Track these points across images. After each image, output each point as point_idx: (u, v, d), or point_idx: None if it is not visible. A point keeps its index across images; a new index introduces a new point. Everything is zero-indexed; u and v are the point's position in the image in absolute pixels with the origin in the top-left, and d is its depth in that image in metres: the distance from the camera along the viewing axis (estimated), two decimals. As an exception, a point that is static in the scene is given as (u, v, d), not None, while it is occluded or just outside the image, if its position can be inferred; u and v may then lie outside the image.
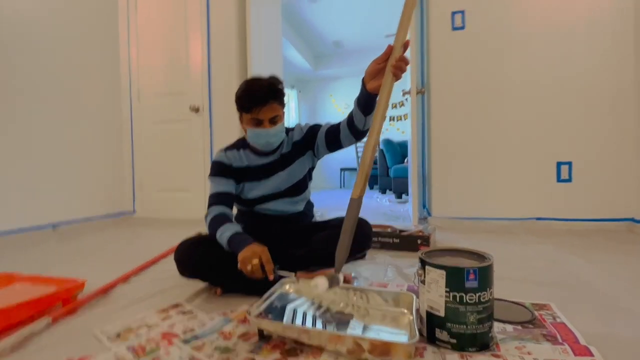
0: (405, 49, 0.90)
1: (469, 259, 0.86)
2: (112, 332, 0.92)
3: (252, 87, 1.16)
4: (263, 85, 1.15)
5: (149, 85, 2.96)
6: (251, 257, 0.97)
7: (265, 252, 0.99)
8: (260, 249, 1.00)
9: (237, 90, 1.19)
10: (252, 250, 0.99)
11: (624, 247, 1.73)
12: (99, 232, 2.47)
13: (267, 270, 0.98)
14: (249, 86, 1.17)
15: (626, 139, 2.11)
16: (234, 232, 1.09)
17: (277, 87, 1.17)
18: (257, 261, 0.97)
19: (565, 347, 0.77)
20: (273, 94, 1.15)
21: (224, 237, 1.09)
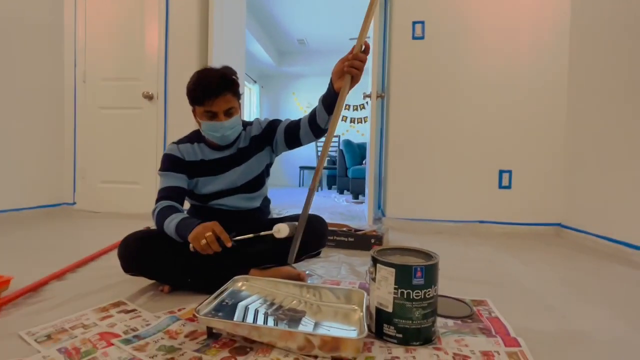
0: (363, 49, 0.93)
1: (417, 257, 0.91)
2: (41, 333, 0.84)
3: (204, 79, 1.11)
4: (215, 76, 1.10)
5: (96, 68, 2.74)
6: (203, 231, 0.94)
7: (216, 225, 0.96)
8: (210, 223, 0.97)
9: (188, 82, 1.14)
10: (202, 226, 0.96)
11: (551, 250, 1.93)
12: (31, 225, 2.24)
13: (223, 239, 0.94)
14: (200, 77, 1.12)
15: (558, 152, 2.35)
16: (182, 218, 1.04)
17: (230, 78, 1.13)
18: (210, 234, 0.93)
19: (497, 339, 0.84)
20: (226, 85, 1.11)
21: (171, 225, 1.04)
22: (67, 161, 2.79)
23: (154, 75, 2.67)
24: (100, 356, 0.73)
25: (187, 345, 0.79)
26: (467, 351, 0.79)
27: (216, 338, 0.83)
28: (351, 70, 0.93)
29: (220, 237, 0.94)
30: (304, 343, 0.76)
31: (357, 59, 0.92)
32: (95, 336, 0.81)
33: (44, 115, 2.62)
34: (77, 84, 2.77)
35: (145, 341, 0.80)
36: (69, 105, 2.78)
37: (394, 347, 0.81)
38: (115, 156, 2.74)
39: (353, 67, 0.92)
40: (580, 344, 0.87)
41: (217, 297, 0.95)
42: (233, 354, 0.76)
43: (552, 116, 2.35)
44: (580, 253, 1.85)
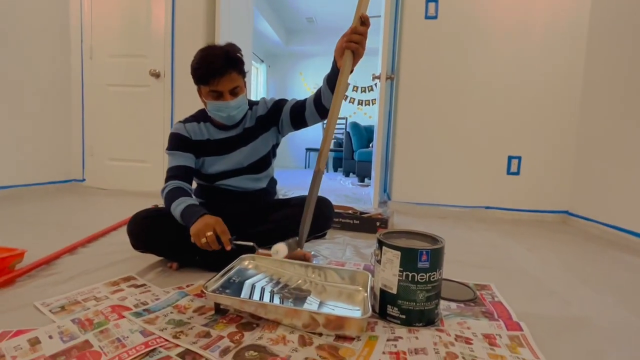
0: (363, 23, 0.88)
1: (423, 241, 0.91)
2: (55, 304, 0.87)
3: (208, 57, 1.07)
4: (219, 55, 1.07)
5: (103, 44, 2.71)
6: (204, 229, 0.92)
7: (219, 223, 0.94)
8: (213, 220, 0.95)
9: (192, 61, 1.10)
10: (204, 222, 0.94)
11: (557, 237, 1.92)
12: (42, 200, 2.28)
13: (223, 242, 0.93)
14: (204, 56, 1.08)
15: (568, 140, 2.30)
16: (188, 204, 1.04)
17: (235, 56, 1.09)
18: (211, 233, 0.92)
19: (500, 322, 0.85)
20: (231, 63, 1.08)
21: (177, 210, 1.04)
22: (75, 138, 2.81)
23: (160, 52, 2.64)
24: (112, 328, 0.76)
25: (196, 320, 0.81)
26: (469, 333, 0.80)
27: (223, 314, 0.85)
28: (350, 45, 0.88)
29: (220, 237, 0.93)
30: (309, 321, 0.78)
31: (355, 32, 0.87)
32: (107, 308, 0.84)
33: (52, 92, 2.62)
34: (84, 61, 2.75)
35: (155, 315, 0.82)
36: (77, 82, 2.77)
37: (397, 327, 0.82)
38: (122, 134, 2.75)
39: (352, 41, 0.88)
40: (581, 329, 0.88)
41: (224, 274, 0.97)
42: (240, 329, 0.78)
43: (565, 103, 2.29)
44: (586, 241, 1.85)
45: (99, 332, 0.74)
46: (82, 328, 0.75)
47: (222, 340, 0.73)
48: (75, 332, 0.73)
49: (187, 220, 1.00)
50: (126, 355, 0.66)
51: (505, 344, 0.77)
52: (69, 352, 0.67)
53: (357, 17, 0.88)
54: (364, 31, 0.88)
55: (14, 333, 0.73)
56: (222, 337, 0.74)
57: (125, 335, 0.73)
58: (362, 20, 0.88)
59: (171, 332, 0.75)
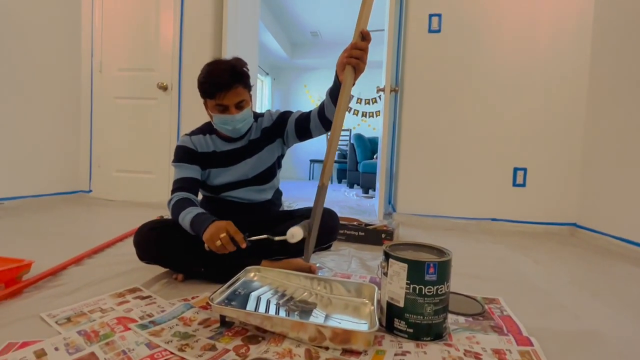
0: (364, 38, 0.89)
1: (430, 253, 0.90)
2: (61, 315, 0.87)
3: (214, 72, 1.10)
4: (225, 69, 1.09)
5: (112, 58, 2.78)
6: (217, 232, 0.93)
7: (230, 225, 0.95)
8: (224, 223, 0.96)
9: (199, 75, 1.13)
10: (216, 226, 0.95)
11: (565, 249, 1.89)
12: (49, 210, 2.30)
13: (237, 241, 0.94)
14: (210, 70, 1.11)
15: (575, 151, 2.29)
16: (197, 213, 1.05)
17: (241, 70, 1.12)
18: (224, 235, 0.93)
19: (509, 337, 0.84)
20: (237, 78, 1.10)
21: (186, 219, 1.05)
22: (83, 150, 2.85)
23: (168, 66, 2.69)
24: (118, 340, 0.75)
25: (201, 332, 0.81)
26: (479, 348, 0.78)
27: (229, 326, 0.84)
28: (351, 61, 0.89)
29: (234, 237, 0.94)
30: (315, 334, 0.77)
31: (356, 47, 0.88)
32: (112, 320, 0.84)
33: (62, 104, 2.67)
34: (93, 74, 2.81)
35: (160, 327, 0.82)
36: (86, 94, 2.83)
37: (404, 341, 0.81)
38: (129, 146, 2.79)
39: (353, 56, 0.89)
40: (593, 343, 0.86)
41: (230, 286, 0.97)
42: (245, 342, 0.78)
43: (571, 114, 2.29)
44: (594, 253, 1.82)
45: (104, 344, 0.74)
46: (88, 340, 0.75)
47: (228, 353, 0.72)
48: (81, 344, 0.73)
49: (197, 229, 1.01)
50: (132, 368, 0.66)
51: (516, 359, 0.75)
52: (75, 364, 0.67)
53: (357, 32, 0.89)
54: (365, 46, 0.89)
55: (20, 345, 0.73)
56: (228, 350, 0.74)
57: (131, 348, 0.72)
58: (363, 36, 0.90)
59: (177, 345, 0.74)
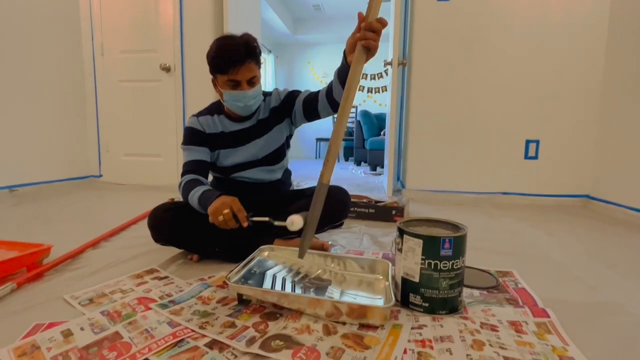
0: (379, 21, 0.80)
1: (444, 229, 0.90)
2: (83, 297, 0.89)
3: (227, 46, 1.07)
4: (238, 44, 1.07)
5: (113, 40, 2.72)
6: (221, 207, 0.94)
7: (235, 202, 0.96)
8: (229, 199, 0.97)
9: (209, 50, 1.10)
10: (221, 201, 0.96)
11: (578, 221, 1.87)
12: (62, 196, 2.34)
13: (240, 219, 0.94)
14: (222, 45, 1.08)
15: (590, 121, 2.22)
16: (204, 190, 1.06)
17: (253, 45, 1.09)
18: (228, 211, 0.93)
19: (525, 309, 0.84)
20: (250, 53, 1.08)
21: (194, 197, 1.05)
22: (91, 135, 2.85)
23: (170, 46, 2.63)
24: (139, 319, 0.77)
25: (220, 311, 0.82)
26: (495, 321, 0.79)
27: (246, 304, 0.86)
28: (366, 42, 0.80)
29: (237, 214, 0.94)
30: (332, 310, 0.78)
31: (370, 29, 0.79)
32: (133, 301, 0.86)
33: (66, 90, 2.66)
34: (95, 58, 2.77)
35: (180, 306, 0.84)
36: (89, 79, 2.80)
37: (420, 315, 0.82)
38: (136, 129, 2.78)
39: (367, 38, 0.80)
40: (611, 315, 0.86)
41: (245, 265, 0.98)
42: (264, 319, 0.79)
43: (586, 84, 2.20)
44: (609, 225, 1.80)
45: (127, 323, 0.76)
46: (112, 320, 0.77)
47: (248, 330, 0.74)
48: (105, 324, 0.75)
49: (204, 204, 1.01)
50: (156, 346, 0.68)
51: (533, 330, 0.75)
52: (101, 343, 0.69)
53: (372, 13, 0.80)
54: (380, 29, 0.81)
55: (46, 325, 0.75)
56: (247, 327, 0.75)
57: (153, 327, 0.74)
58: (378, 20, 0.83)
59: (197, 323, 0.76)
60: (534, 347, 0.69)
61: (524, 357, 0.66)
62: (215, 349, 0.68)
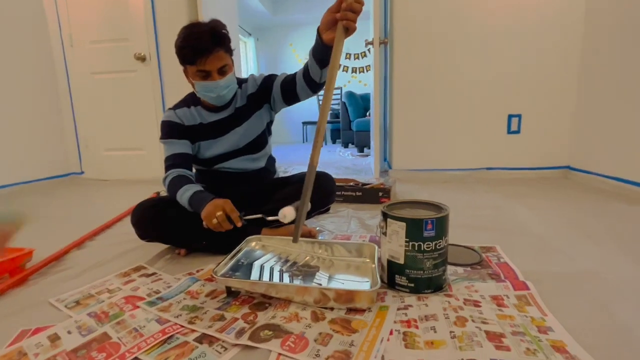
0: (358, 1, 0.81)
1: (427, 210, 0.91)
2: (70, 299, 0.88)
3: (193, 35, 1.03)
4: (205, 32, 1.02)
5: (82, 30, 2.60)
6: (214, 210, 0.94)
7: (227, 203, 0.96)
8: (222, 201, 0.97)
9: (176, 40, 1.06)
10: (214, 205, 0.96)
11: (560, 192, 1.92)
12: (43, 196, 2.28)
13: (233, 219, 0.95)
14: (188, 34, 1.03)
15: (569, 93, 2.25)
16: (194, 191, 1.04)
17: (221, 32, 1.05)
18: (221, 213, 0.94)
19: (507, 283, 0.87)
20: (218, 41, 1.04)
21: (184, 197, 1.04)
22: (68, 131, 2.76)
23: (143, 34, 2.53)
24: (128, 318, 0.77)
25: (209, 304, 0.83)
26: (478, 296, 0.81)
27: (235, 296, 0.86)
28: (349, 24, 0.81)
29: (230, 216, 0.95)
30: (320, 296, 0.79)
31: (350, 9, 0.80)
32: (120, 300, 0.86)
33: (37, 86, 2.55)
34: (65, 50, 2.65)
35: (168, 302, 0.84)
36: (61, 73, 2.68)
37: (406, 295, 0.84)
38: (115, 123, 2.70)
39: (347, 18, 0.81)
40: (587, 283, 0.89)
41: (232, 257, 0.99)
42: (253, 309, 0.80)
43: (566, 57, 2.21)
44: (588, 194, 1.85)
45: (115, 323, 0.76)
46: (99, 321, 0.77)
47: (237, 322, 0.75)
48: (93, 326, 0.75)
49: (196, 207, 1.01)
50: (145, 344, 0.68)
51: (513, 303, 0.78)
52: (89, 345, 0.69)
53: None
54: (359, 9, 0.81)
55: (33, 331, 0.74)
56: (237, 319, 0.76)
57: (141, 325, 0.74)
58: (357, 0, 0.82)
59: (186, 318, 0.76)
60: (514, 320, 0.72)
61: (505, 330, 0.68)
62: (205, 343, 0.68)
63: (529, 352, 0.62)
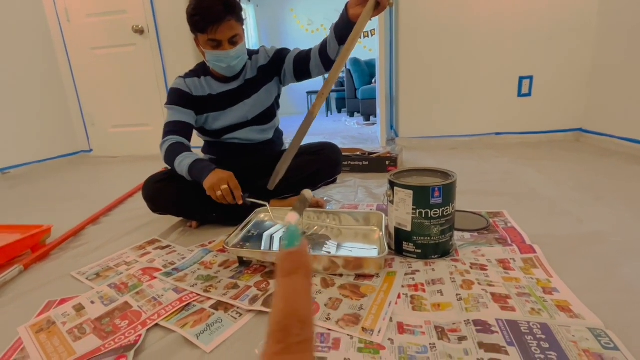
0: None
1: (434, 177, 0.91)
2: (90, 272, 0.92)
3: (204, 3, 1.01)
4: (217, 0, 1.01)
5: (78, 3, 2.52)
6: (219, 183, 0.96)
7: (232, 178, 0.98)
8: (226, 174, 0.98)
9: (187, 7, 1.04)
10: (218, 176, 0.97)
11: (570, 155, 1.89)
12: (55, 174, 2.33)
13: (236, 196, 0.97)
14: (200, 1, 1.02)
15: (583, 53, 2.14)
16: (194, 159, 1.05)
17: (233, 1, 1.03)
18: (226, 187, 0.96)
19: (513, 247, 0.88)
20: (229, 9, 1.02)
21: (183, 164, 1.05)
22: (73, 109, 2.76)
23: (139, 4, 2.45)
24: (146, 288, 0.81)
25: (222, 274, 0.86)
26: (484, 260, 0.83)
27: (247, 265, 0.89)
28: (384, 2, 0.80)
29: (233, 192, 0.96)
30: (329, 264, 0.82)
31: None
32: (138, 272, 0.89)
33: (38, 64, 2.52)
34: (62, 26, 2.59)
35: (184, 272, 0.87)
36: (60, 50, 2.64)
37: (413, 261, 0.86)
38: (119, 99, 2.69)
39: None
40: (594, 245, 0.90)
41: (242, 228, 1.01)
42: (265, 278, 0.83)
43: (580, 16, 2.09)
44: (601, 157, 1.82)
45: (135, 293, 0.79)
46: (119, 291, 0.81)
47: (250, 289, 0.78)
48: (114, 296, 0.79)
49: (196, 176, 1.02)
50: (164, 312, 0.72)
51: (520, 266, 0.79)
52: (112, 313, 0.73)
53: None
54: None
55: (59, 302, 0.79)
56: (250, 287, 0.79)
57: (160, 294, 0.78)
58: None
59: (202, 287, 0.80)
60: (520, 282, 0.74)
61: (510, 292, 0.70)
62: (220, 310, 0.72)
63: (533, 312, 0.64)
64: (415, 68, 2.35)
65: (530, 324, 0.61)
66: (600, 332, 0.58)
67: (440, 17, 2.24)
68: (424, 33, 2.28)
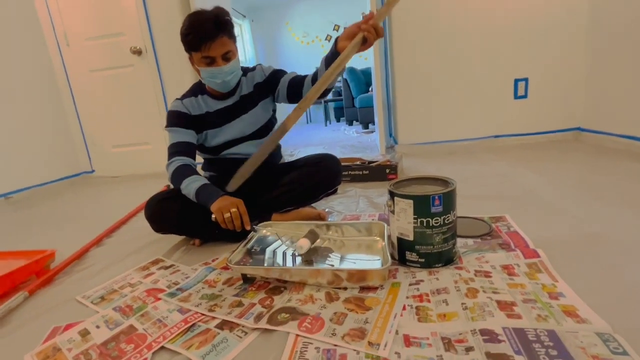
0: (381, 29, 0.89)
1: (434, 185, 0.91)
2: (95, 295, 0.92)
3: (197, 22, 1.05)
4: (208, 18, 1.05)
5: (76, 28, 2.57)
6: (229, 206, 0.97)
7: (241, 204, 0.99)
8: (236, 200, 1.00)
9: (181, 28, 1.09)
10: (228, 200, 0.99)
11: (569, 155, 1.89)
12: (57, 197, 2.34)
13: (244, 221, 0.98)
14: (193, 21, 1.06)
15: (577, 53, 2.16)
16: (202, 184, 1.06)
17: (224, 19, 1.07)
18: (235, 210, 0.97)
19: (517, 252, 0.87)
20: (221, 27, 1.06)
21: (191, 187, 1.06)
22: (74, 131, 2.79)
23: (136, 26, 2.50)
24: (151, 310, 0.81)
25: (227, 292, 0.86)
26: (488, 267, 0.82)
27: (251, 282, 0.89)
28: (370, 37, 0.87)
29: (242, 217, 0.98)
30: (333, 278, 0.81)
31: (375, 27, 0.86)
32: (142, 293, 0.89)
33: (38, 88, 2.56)
34: (61, 50, 2.64)
35: (188, 292, 0.87)
36: (60, 73, 2.68)
37: (417, 271, 0.85)
38: (119, 119, 2.72)
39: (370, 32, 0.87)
40: (597, 246, 0.89)
41: (245, 245, 1.01)
42: (269, 294, 0.83)
43: (573, 15, 2.11)
44: (600, 155, 1.82)
45: (140, 315, 0.79)
46: (124, 314, 0.81)
47: (255, 307, 0.78)
48: (119, 319, 0.79)
49: (204, 200, 1.03)
50: (169, 334, 0.71)
51: (524, 272, 0.79)
52: (118, 337, 0.73)
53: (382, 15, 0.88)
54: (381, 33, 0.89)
55: (64, 327, 0.79)
56: (254, 304, 0.79)
57: (164, 316, 0.78)
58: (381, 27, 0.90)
59: (206, 307, 0.80)
60: (525, 288, 0.73)
61: (516, 298, 0.70)
62: (225, 329, 0.72)
63: (540, 318, 0.63)
64: (410, 75, 2.37)
65: (537, 331, 0.60)
66: (609, 336, 0.58)
67: (433, 23, 2.27)
68: (418, 40, 2.31)
